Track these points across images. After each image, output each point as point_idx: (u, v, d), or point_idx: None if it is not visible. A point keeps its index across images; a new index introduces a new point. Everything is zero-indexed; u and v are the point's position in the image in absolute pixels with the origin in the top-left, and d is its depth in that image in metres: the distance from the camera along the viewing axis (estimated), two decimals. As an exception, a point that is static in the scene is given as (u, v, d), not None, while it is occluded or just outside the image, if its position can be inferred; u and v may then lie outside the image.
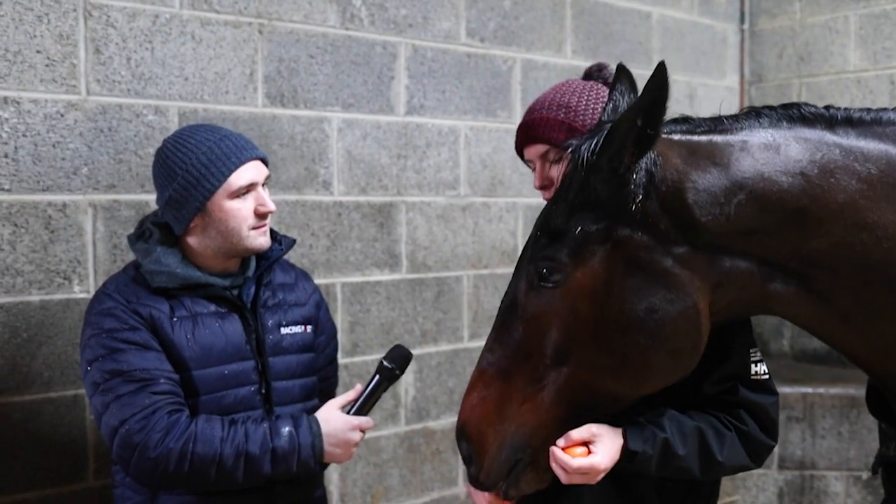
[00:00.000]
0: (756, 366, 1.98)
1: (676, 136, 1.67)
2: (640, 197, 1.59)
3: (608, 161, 1.60)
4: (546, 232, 1.69)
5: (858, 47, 4.73)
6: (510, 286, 1.79)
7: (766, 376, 2.01)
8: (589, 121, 2.07)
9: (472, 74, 3.86)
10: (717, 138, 1.66)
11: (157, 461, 2.13)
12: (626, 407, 1.77)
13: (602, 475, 1.79)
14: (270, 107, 3.27)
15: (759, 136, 1.64)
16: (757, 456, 2.00)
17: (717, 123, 1.70)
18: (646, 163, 1.60)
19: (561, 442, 1.73)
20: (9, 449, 2.73)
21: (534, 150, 2.16)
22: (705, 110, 4.80)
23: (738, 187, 1.60)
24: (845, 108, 1.67)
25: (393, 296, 3.65)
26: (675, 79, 4.62)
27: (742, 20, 5.14)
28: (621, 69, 1.96)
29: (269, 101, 3.27)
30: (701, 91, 4.88)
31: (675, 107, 1.88)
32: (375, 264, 3.60)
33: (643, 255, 1.61)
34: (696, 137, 1.66)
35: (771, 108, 1.70)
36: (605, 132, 1.62)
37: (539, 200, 2.15)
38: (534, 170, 2.21)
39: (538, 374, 1.70)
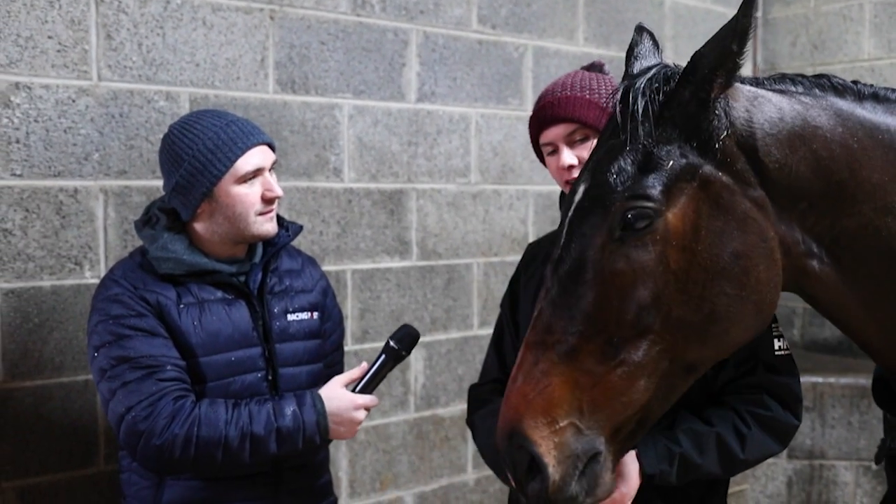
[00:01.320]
0: (779, 341, 1.98)
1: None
2: (724, 132, 1.51)
3: (693, 92, 1.51)
4: (624, 173, 1.51)
5: (873, 35, 4.69)
6: (564, 250, 1.54)
7: (788, 351, 1.99)
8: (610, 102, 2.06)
9: (483, 61, 3.85)
10: (773, 93, 1.61)
11: (163, 448, 2.14)
12: (699, 377, 1.62)
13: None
14: (281, 93, 3.27)
15: (805, 100, 1.61)
16: (784, 438, 1.99)
17: (762, 82, 1.65)
18: (723, 100, 1.52)
19: None
20: (20, 434, 2.74)
21: (557, 131, 2.11)
22: (718, 98, 4.77)
23: (801, 142, 1.56)
24: (870, 86, 1.66)
25: (403, 283, 3.65)
26: (688, 66, 4.59)
27: (755, 8, 5.10)
28: (640, 28, 1.89)
29: (280, 88, 3.27)
30: (713, 79, 4.84)
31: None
32: (386, 251, 3.60)
33: (725, 196, 1.51)
34: (754, 88, 1.61)
35: (801, 75, 1.66)
36: (692, 59, 1.52)
37: (549, 188, 2.14)
38: (549, 154, 2.17)
39: (612, 348, 1.48)
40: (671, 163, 1.49)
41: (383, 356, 2.35)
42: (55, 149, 2.78)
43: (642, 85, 1.55)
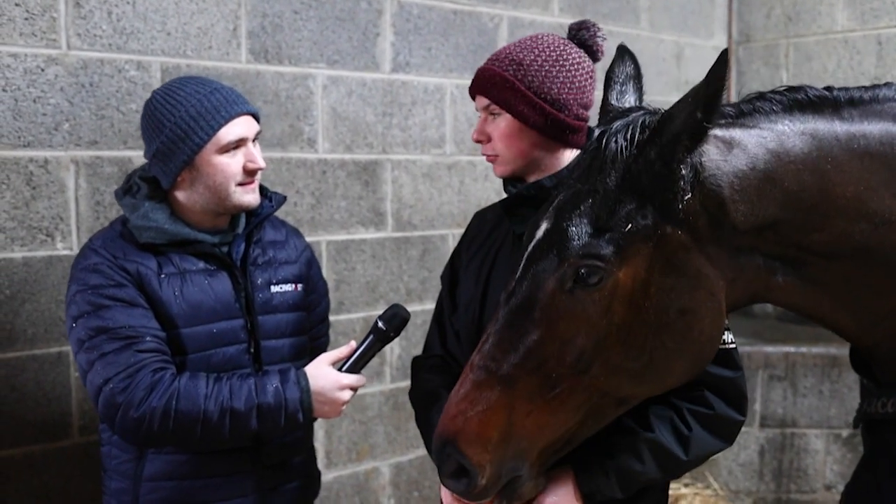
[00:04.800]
0: (726, 334, 1.93)
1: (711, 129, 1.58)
2: (689, 194, 1.52)
3: (658, 153, 1.52)
4: (582, 225, 1.56)
5: (846, 7, 4.71)
6: (518, 284, 1.62)
7: (733, 345, 1.96)
8: (537, 84, 2.01)
9: (458, 32, 3.83)
10: (748, 132, 1.60)
11: (141, 420, 2.12)
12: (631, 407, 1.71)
13: None
14: (254, 63, 3.24)
15: (781, 129, 1.60)
16: (728, 435, 1.96)
17: (739, 113, 1.64)
18: (693, 157, 1.52)
19: None
20: (-7, 406, 2.73)
21: (480, 101, 2.11)
22: (692, 70, 4.78)
23: (770, 185, 1.56)
24: (845, 89, 1.66)
25: (378, 254, 3.65)
26: (663, 38, 4.59)
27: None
28: (623, 49, 1.89)
29: (252, 57, 3.24)
30: (688, 51, 4.85)
31: (662, 66, 1.87)
32: (361, 222, 3.59)
33: (680, 255, 1.54)
34: (729, 131, 1.60)
35: (778, 92, 1.66)
36: (658, 121, 1.53)
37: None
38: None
39: (550, 382, 1.57)
40: (630, 226, 1.53)
41: (371, 336, 2.33)
42: (24, 119, 2.74)
43: (618, 136, 1.57)
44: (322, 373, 2.28)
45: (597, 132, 1.63)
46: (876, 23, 4.60)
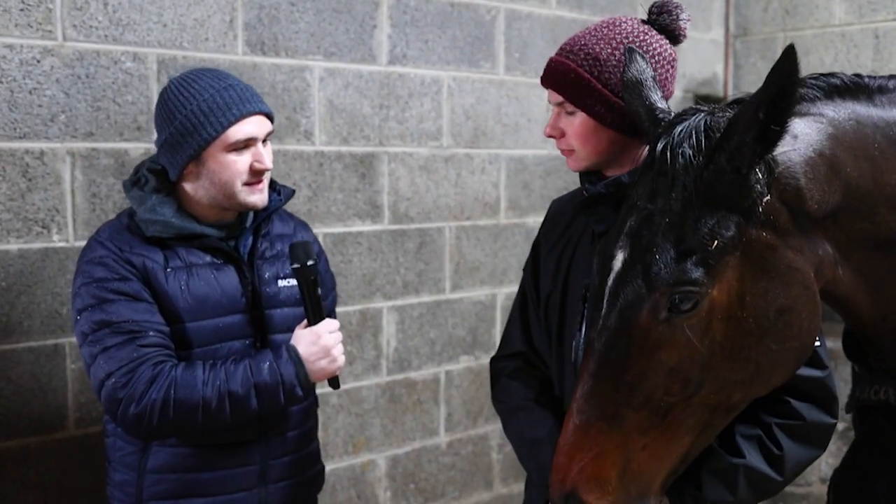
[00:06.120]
0: None
1: None
2: (767, 195, 1.47)
3: (729, 159, 1.45)
4: (665, 252, 1.48)
5: (844, 0, 4.71)
6: (605, 320, 1.54)
7: (818, 343, 1.84)
8: (615, 81, 1.90)
9: (455, 24, 3.82)
10: (804, 120, 1.56)
11: (142, 414, 2.12)
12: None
13: None
14: (251, 55, 3.23)
15: (831, 115, 1.57)
16: (821, 441, 1.88)
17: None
18: (766, 156, 1.47)
19: None
20: (-11, 398, 2.73)
21: (553, 97, 1.99)
22: (690, 64, 4.78)
23: (835, 173, 1.54)
24: (871, 77, 1.65)
25: (375, 247, 3.64)
26: (660, 30, 4.58)
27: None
28: (630, 51, 1.82)
29: (249, 49, 3.23)
30: (686, 44, 4.80)
31: (660, 57, 1.87)
32: (357, 215, 3.59)
33: (768, 255, 1.49)
34: (791, 120, 1.52)
35: (814, 78, 1.62)
36: (727, 125, 1.46)
37: (521, 152, 2.09)
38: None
39: (660, 412, 1.52)
40: (715, 242, 1.46)
41: (300, 283, 2.30)
42: (20, 110, 2.73)
43: (683, 146, 1.49)
44: (298, 335, 2.28)
45: (659, 144, 1.54)
46: (873, 16, 4.59)
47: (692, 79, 4.83)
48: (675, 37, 2.03)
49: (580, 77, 1.92)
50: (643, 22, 2.02)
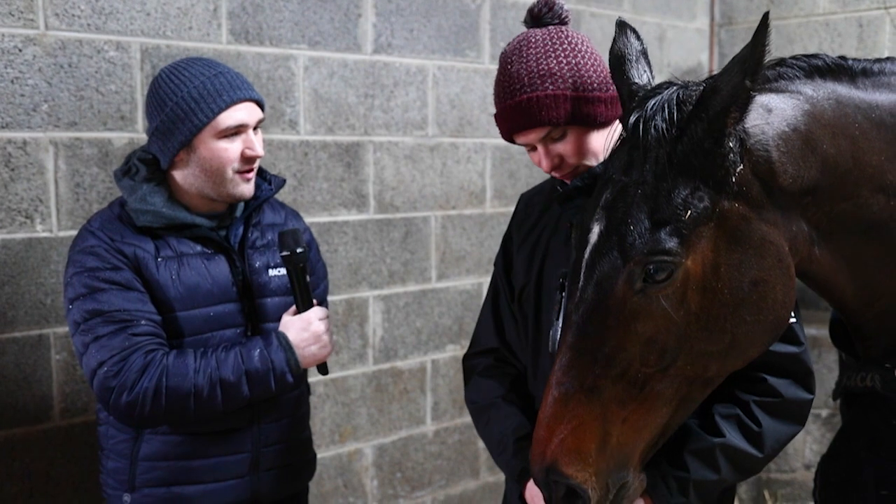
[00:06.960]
0: None
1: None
2: (740, 165, 1.49)
3: (707, 129, 1.47)
4: (639, 222, 1.50)
5: (828, -11, 4.72)
6: (583, 292, 1.56)
7: (794, 320, 1.87)
8: (578, 79, 1.91)
9: (440, 13, 3.81)
10: (780, 96, 1.58)
11: (133, 403, 2.13)
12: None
13: None
14: (235, 44, 3.22)
15: (809, 93, 1.59)
16: (800, 417, 1.89)
17: (765, 79, 1.60)
18: (738, 127, 1.49)
19: None
20: (-27, 388, 2.72)
21: (532, 136, 1.96)
22: (675, 53, 4.79)
23: (811, 149, 1.55)
24: (856, 59, 1.66)
25: (360, 236, 3.64)
26: (645, 20, 4.59)
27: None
28: (623, 25, 1.83)
29: (233, 38, 3.21)
30: (671, 33, 4.85)
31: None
32: (343, 204, 3.59)
33: (742, 227, 1.51)
34: (763, 96, 1.56)
35: (796, 58, 1.64)
36: (702, 94, 1.48)
37: (507, 141, 2.08)
38: (529, 150, 2.02)
39: (638, 383, 1.54)
40: (689, 212, 1.48)
41: (289, 271, 2.31)
42: (2, 100, 2.71)
43: (655, 119, 1.51)
44: (287, 322, 2.30)
45: (632, 118, 1.56)
46: (857, 5, 4.61)
47: (677, 67, 4.83)
48: (565, 22, 2.04)
49: (553, 97, 1.90)
50: (538, 26, 2.03)
